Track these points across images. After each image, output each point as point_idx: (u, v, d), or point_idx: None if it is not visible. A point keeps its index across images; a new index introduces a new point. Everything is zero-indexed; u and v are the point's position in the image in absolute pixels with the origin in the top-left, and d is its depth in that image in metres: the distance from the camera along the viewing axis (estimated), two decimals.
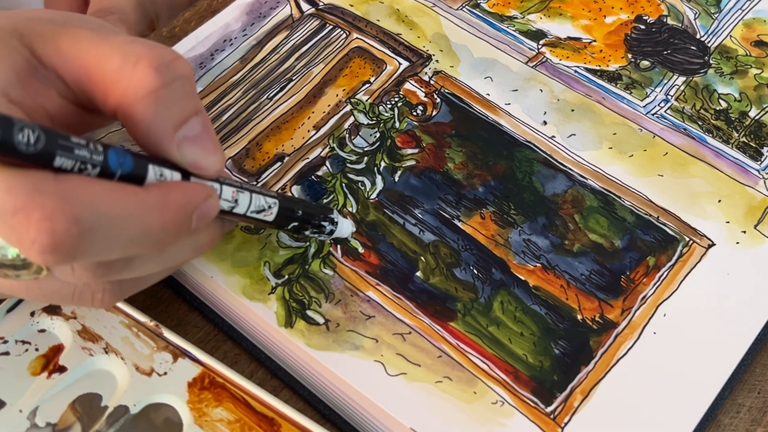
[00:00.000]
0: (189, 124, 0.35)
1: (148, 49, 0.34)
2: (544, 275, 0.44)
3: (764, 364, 0.44)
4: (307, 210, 0.42)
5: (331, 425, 0.42)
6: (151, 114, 0.34)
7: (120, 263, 0.35)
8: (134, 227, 0.32)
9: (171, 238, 0.34)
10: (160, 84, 0.34)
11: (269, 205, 0.40)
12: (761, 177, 0.48)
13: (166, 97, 0.34)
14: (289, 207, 0.41)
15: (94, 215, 0.31)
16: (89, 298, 0.37)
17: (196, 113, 0.35)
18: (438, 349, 0.42)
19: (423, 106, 0.51)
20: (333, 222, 0.43)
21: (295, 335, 0.42)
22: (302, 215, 0.42)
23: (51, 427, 0.40)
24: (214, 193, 0.36)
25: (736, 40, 0.54)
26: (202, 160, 0.36)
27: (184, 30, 0.56)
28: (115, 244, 0.32)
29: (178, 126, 0.35)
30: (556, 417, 0.40)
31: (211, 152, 0.36)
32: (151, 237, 0.33)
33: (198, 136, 0.35)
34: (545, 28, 0.55)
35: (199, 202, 0.35)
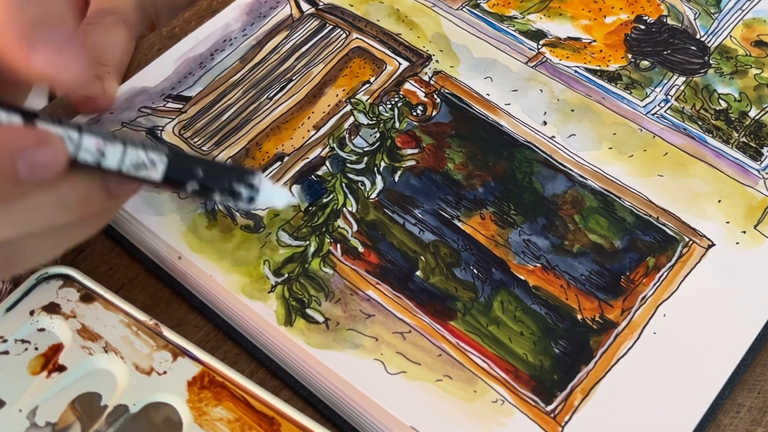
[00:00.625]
0: (51, 31, 0.33)
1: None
2: (544, 275, 0.44)
3: (764, 364, 0.44)
4: (211, 170, 0.36)
5: (331, 425, 0.42)
6: (6, 10, 0.32)
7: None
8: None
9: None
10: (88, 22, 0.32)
11: (152, 161, 0.35)
12: (761, 177, 0.48)
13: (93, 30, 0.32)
14: (183, 166, 0.35)
15: None
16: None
17: (62, 22, 0.33)
18: (438, 347, 0.42)
19: (423, 106, 0.51)
20: (252, 187, 0.36)
21: (294, 334, 0.42)
22: (204, 177, 0.35)
23: (51, 426, 0.40)
24: (52, 139, 0.33)
25: (736, 40, 0.54)
26: (54, 65, 0.33)
27: (184, 30, 0.56)
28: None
29: (37, 26, 0.32)
30: (557, 416, 0.40)
31: (70, 57, 0.33)
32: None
33: (58, 42, 0.33)
34: (545, 28, 0.55)
35: (23, 147, 0.32)
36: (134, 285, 0.47)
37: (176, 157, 0.35)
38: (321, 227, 0.46)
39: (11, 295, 0.43)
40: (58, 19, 0.33)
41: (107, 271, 0.47)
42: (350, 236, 0.46)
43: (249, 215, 0.46)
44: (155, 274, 0.47)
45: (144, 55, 0.55)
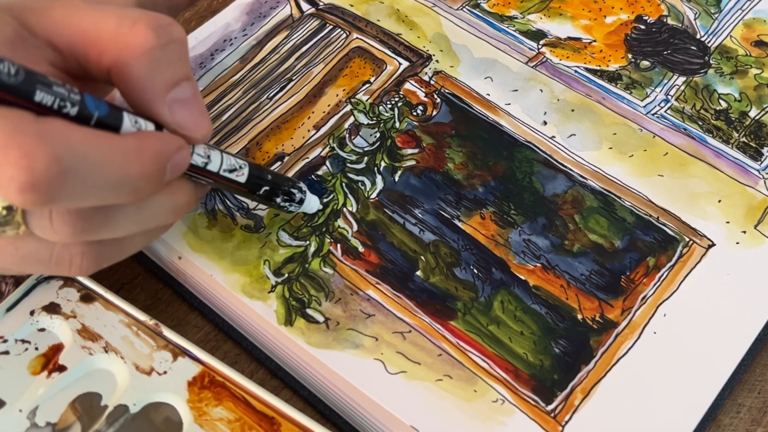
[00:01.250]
0: (180, 87, 0.36)
1: (144, 12, 0.35)
2: (544, 275, 0.44)
3: (764, 364, 0.44)
4: (276, 176, 0.43)
5: (331, 425, 0.42)
6: (145, 72, 0.34)
7: (99, 216, 0.35)
8: (113, 171, 0.32)
9: (149, 186, 0.34)
10: (157, 43, 0.34)
11: (240, 166, 0.40)
12: (761, 177, 0.48)
13: (162, 57, 0.35)
14: (258, 170, 0.42)
15: (74, 156, 0.31)
16: (67, 262, 0.37)
17: (187, 78, 0.36)
18: (438, 347, 0.42)
19: (423, 106, 0.51)
20: (302, 191, 0.44)
21: (295, 334, 0.42)
22: (272, 179, 0.42)
23: (51, 426, 0.40)
24: (185, 144, 0.36)
25: (736, 40, 0.54)
26: (191, 123, 0.36)
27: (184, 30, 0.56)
28: (94, 187, 0.32)
29: (170, 87, 0.35)
30: (557, 415, 0.40)
31: (200, 116, 0.36)
32: (129, 183, 0.33)
33: (188, 100, 0.36)
34: (545, 28, 0.55)
35: (173, 151, 0.35)
36: (134, 285, 0.47)
37: (252, 164, 0.41)
38: (321, 227, 0.46)
39: (11, 295, 0.43)
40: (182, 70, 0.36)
41: (107, 271, 0.47)
42: (350, 236, 0.46)
43: (249, 215, 0.46)
44: (155, 274, 0.47)
45: None
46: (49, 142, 0.30)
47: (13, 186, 0.30)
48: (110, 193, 0.33)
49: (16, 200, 0.30)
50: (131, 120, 0.34)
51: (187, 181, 0.38)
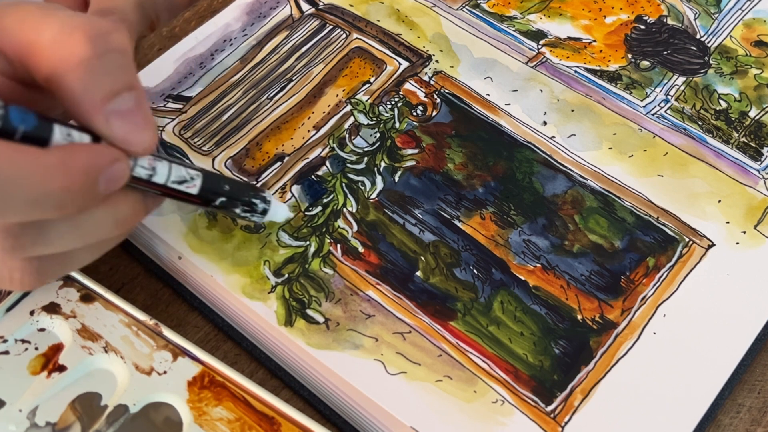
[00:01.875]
0: (120, 98, 0.34)
1: (85, 20, 0.34)
2: (544, 275, 0.44)
3: (764, 364, 0.44)
4: (235, 186, 0.41)
5: (331, 425, 0.42)
6: (80, 84, 0.33)
7: (31, 231, 0.34)
8: (32, 187, 0.31)
9: (77, 201, 0.33)
10: (93, 54, 0.33)
11: (191, 177, 0.39)
12: (761, 177, 0.48)
13: (98, 67, 0.33)
14: (214, 181, 0.40)
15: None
16: (7, 278, 0.36)
17: (129, 88, 0.34)
18: (438, 348, 0.42)
19: (423, 106, 0.51)
20: (265, 200, 0.42)
21: (295, 334, 0.42)
22: (230, 190, 0.40)
23: (51, 426, 0.40)
24: (123, 156, 0.35)
25: (736, 40, 0.54)
26: (131, 135, 0.34)
27: (184, 30, 0.56)
28: (12, 203, 0.31)
29: (108, 98, 0.34)
30: (557, 416, 0.40)
31: (141, 128, 0.35)
32: (52, 199, 0.32)
33: (129, 110, 0.34)
34: (545, 28, 0.55)
35: (105, 164, 0.34)
36: (134, 285, 0.47)
37: (208, 174, 0.39)
38: (321, 227, 0.46)
39: (11, 295, 0.43)
40: (122, 80, 0.35)
41: (107, 271, 0.47)
42: (350, 236, 0.46)
43: None
44: (155, 274, 0.47)
45: (144, 55, 0.55)
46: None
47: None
48: (32, 208, 0.32)
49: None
50: (63, 133, 0.33)
51: (133, 193, 0.37)
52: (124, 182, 0.35)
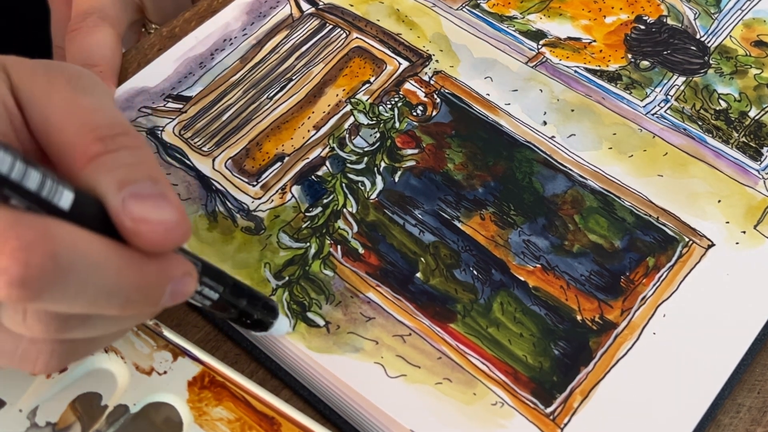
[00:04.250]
0: (139, 185, 0.31)
1: (101, 119, 0.32)
2: (543, 276, 0.44)
3: (764, 364, 0.44)
4: (251, 299, 0.40)
5: (331, 425, 0.42)
6: (93, 178, 0.31)
7: (77, 319, 0.32)
8: (111, 277, 0.30)
9: (142, 303, 0.32)
10: (104, 150, 0.31)
11: (209, 291, 0.37)
12: (761, 177, 0.48)
13: (111, 161, 0.31)
14: (234, 293, 0.38)
15: (74, 254, 0.29)
16: (33, 360, 0.34)
17: (150, 179, 0.32)
18: (438, 350, 0.42)
19: (423, 106, 0.51)
20: (274, 315, 0.41)
21: (295, 338, 0.42)
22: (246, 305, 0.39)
23: (51, 426, 0.40)
24: (194, 271, 0.34)
25: (736, 40, 0.54)
26: (151, 215, 0.31)
27: (184, 30, 0.56)
28: (86, 291, 0.30)
29: (123, 185, 0.31)
30: (556, 418, 0.40)
31: (164, 209, 0.31)
32: (122, 295, 0.31)
33: (151, 195, 0.31)
34: (545, 28, 0.55)
35: (176, 274, 0.32)
36: None
37: (229, 287, 0.38)
38: (321, 228, 0.46)
39: None
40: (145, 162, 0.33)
41: None
42: (350, 237, 0.46)
43: (249, 217, 0.46)
44: None
45: (144, 55, 0.55)
46: (49, 237, 0.28)
47: (4, 278, 0.27)
48: (101, 300, 0.30)
49: (1, 292, 0.28)
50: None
51: None
52: (186, 298, 0.34)
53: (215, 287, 0.37)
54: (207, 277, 0.36)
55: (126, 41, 0.59)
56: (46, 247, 0.28)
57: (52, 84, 0.33)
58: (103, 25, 0.55)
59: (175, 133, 0.50)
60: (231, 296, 0.38)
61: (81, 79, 0.34)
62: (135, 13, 0.61)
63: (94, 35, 0.54)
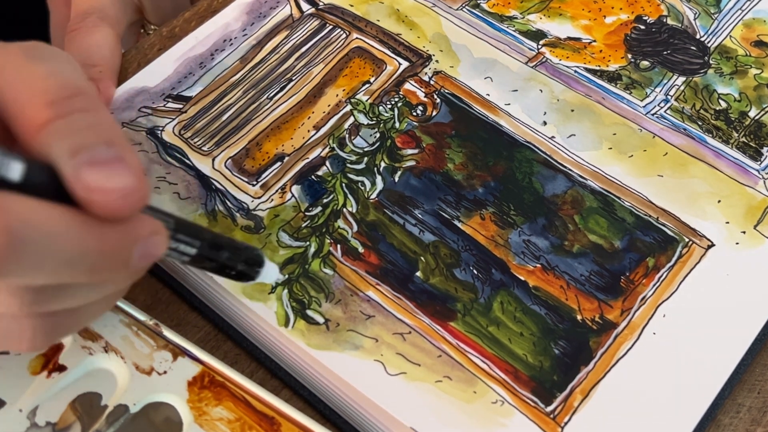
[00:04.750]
0: (93, 150, 0.30)
1: (53, 84, 0.32)
2: (543, 276, 0.44)
3: (764, 364, 0.44)
4: (233, 250, 0.38)
5: (331, 425, 0.42)
6: (45, 146, 0.30)
7: (50, 291, 0.32)
8: (70, 246, 0.29)
9: (109, 267, 0.31)
10: (54, 116, 0.31)
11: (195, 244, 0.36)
12: (761, 177, 0.48)
13: (62, 127, 0.30)
14: (213, 244, 0.37)
15: (28, 226, 0.28)
16: (17, 337, 0.34)
17: (105, 143, 0.31)
18: (438, 348, 0.42)
19: (423, 106, 0.51)
20: (260, 263, 0.40)
21: (295, 335, 0.42)
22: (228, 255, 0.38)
23: (51, 426, 0.40)
24: (162, 230, 0.33)
25: (736, 40, 0.54)
26: (105, 182, 0.30)
27: (184, 30, 0.56)
28: (48, 262, 0.29)
29: (76, 151, 0.30)
30: (556, 417, 0.40)
31: (120, 175, 0.30)
32: (86, 262, 0.30)
33: (106, 160, 0.30)
34: (545, 28, 0.55)
35: (142, 234, 0.32)
36: (134, 285, 0.46)
37: (207, 241, 0.37)
38: (321, 228, 0.46)
39: None
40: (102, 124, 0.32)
41: None
42: (350, 237, 0.46)
43: (249, 216, 0.46)
44: (155, 274, 0.47)
45: (144, 55, 0.55)
46: (1, 212, 0.28)
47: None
48: (65, 269, 0.30)
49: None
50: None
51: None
52: (159, 257, 0.33)
53: (192, 242, 0.36)
54: (182, 233, 0.35)
55: (125, 42, 0.59)
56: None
57: (6, 57, 0.32)
58: (102, 26, 0.55)
59: (175, 133, 0.50)
60: (210, 251, 0.37)
61: (36, 48, 0.33)
62: (134, 14, 0.61)
63: (93, 35, 0.54)
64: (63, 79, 0.32)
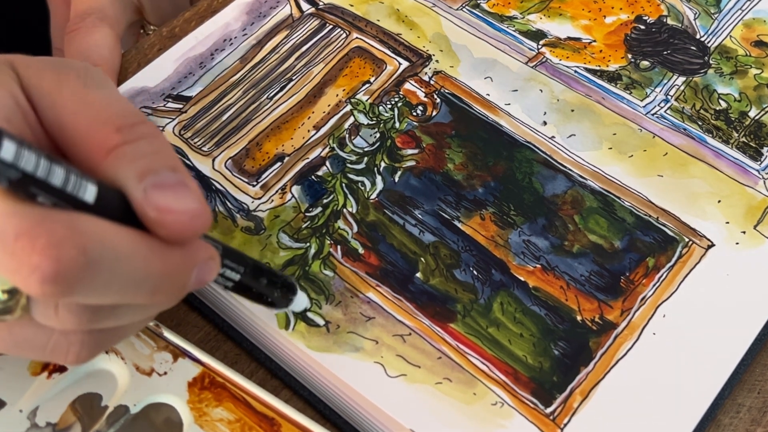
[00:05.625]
0: (159, 175, 0.31)
1: (116, 111, 0.33)
2: (543, 276, 0.44)
3: (764, 364, 0.44)
4: (271, 277, 0.40)
5: (331, 425, 0.42)
6: (113, 170, 0.31)
7: (107, 309, 0.33)
8: (138, 267, 0.30)
9: (169, 290, 0.32)
10: (122, 141, 0.32)
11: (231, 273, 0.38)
12: (761, 177, 0.48)
13: (130, 152, 0.32)
14: (256, 273, 0.39)
15: (102, 247, 0.29)
16: (64, 351, 0.34)
17: (170, 168, 0.32)
18: (438, 350, 0.42)
19: (423, 106, 0.51)
20: (294, 293, 0.41)
21: (295, 337, 0.42)
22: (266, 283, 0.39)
23: (51, 426, 0.40)
24: (216, 255, 0.34)
25: (736, 40, 0.54)
26: (174, 204, 0.31)
27: (184, 30, 0.56)
28: (116, 282, 0.30)
29: (144, 175, 0.31)
30: (556, 418, 0.40)
31: (186, 198, 0.32)
32: (150, 283, 0.31)
33: (172, 184, 0.32)
34: (545, 28, 0.55)
35: (200, 258, 0.33)
36: None
37: (250, 268, 0.38)
38: (321, 228, 0.46)
39: None
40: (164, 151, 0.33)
41: None
42: (350, 237, 0.46)
43: (249, 217, 0.46)
44: None
45: (144, 55, 0.55)
46: (78, 232, 0.29)
47: (36, 276, 0.28)
48: (130, 290, 0.31)
49: (35, 289, 0.28)
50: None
51: None
52: (210, 281, 0.34)
53: (236, 268, 0.37)
54: (228, 259, 0.37)
55: (124, 42, 0.59)
56: (75, 241, 0.28)
57: (61, 80, 0.33)
58: (101, 26, 0.55)
59: (175, 133, 0.50)
60: (252, 276, 0.38)
61: (89, 73, 0.34)
62: (133, 14, 0.61)
63: (93, 36, 0.54)
64: (125, 106, 0.33)
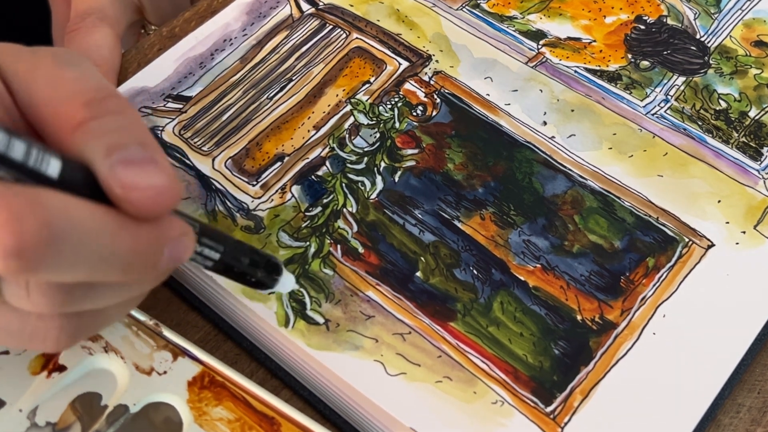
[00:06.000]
0: (127, 150, 0.31)
1: (86, 86, 0.32)
2: (543, 276, 0.44)
3: (764, 364, 0.44)
4: (254, 256, 0.39)
5: (331, 425, 0.42)
6: (80, 145, 0.31)
7: (80, 290, 0.32)
8: (105, 243, 0.30)
9: (140, 267, 0.32)
10: (89, 116, 0.31)
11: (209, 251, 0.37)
12: (761, 177, 0.48)
13: (97, 127, 0.31)
14: (236, 252, 0.38)
15: (67, 222, 0.28)
16: (42, 337, 0.34)
17: (138, 144, 0.31)
18: (438, 349, 0.42)
19: (423, 106, 0.51)
20: (278, 273, 0.41)
21: (295, 335, 0.42)
22: (249, 263, 0.39)
23: (51, 426, 0.40)
24: (190, 231, 0.34)
25: (736, 40, 0.54)
26: (140, 180, 0.31)
27: (184, 30, 0.56)
28: (83, 258, 0.29)
29: (111, 150, 0.30)
30: (556, 417, 0.40)
31: (153, 174, 0.31)
32: (120, 260, 0.31)
33: (140, 160, 0.31)
34: (545, 28, 0.55)
35: (172, 235, 0.32)
36: None
37: (230, 246, 0.38)
38: (321, 228, 0.46)
39: None
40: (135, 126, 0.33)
41: None
42: (350, 237, 0.46)
43: (249, 216, 0.46)
44: None
45: (144, 55, 0.55)
46: (40, 205, 0.28)
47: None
48: (99, 266, 0.30)
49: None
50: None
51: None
52: (186, 260, 0.34)
53: (215, 247, 0.37)
54: (206, 237, 0.36)
55: (124, 42, 0.60)
56: (38, 215, 0.28)
57: (37, 62, 0.33)
58: (101, 26, 0.55)
59: (174, 133, 0.50)
60: (233, 256, 0.38)
61: (65, 54, 0.34)
62: (134, 14, 0.61)
63: (93, 36, 0.54)
64: (95, 82, 0.33)
